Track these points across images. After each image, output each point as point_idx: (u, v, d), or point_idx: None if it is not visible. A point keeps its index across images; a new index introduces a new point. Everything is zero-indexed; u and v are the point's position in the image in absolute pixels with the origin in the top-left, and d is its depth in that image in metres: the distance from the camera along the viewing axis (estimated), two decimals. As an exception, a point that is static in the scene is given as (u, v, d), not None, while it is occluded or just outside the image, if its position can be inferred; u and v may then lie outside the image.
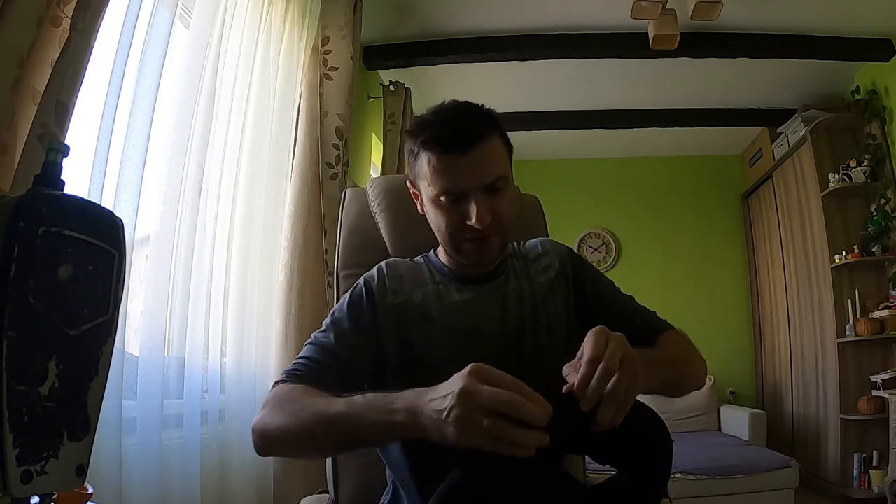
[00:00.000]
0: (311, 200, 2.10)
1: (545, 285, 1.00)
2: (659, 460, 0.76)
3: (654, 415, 0.76)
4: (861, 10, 2.99)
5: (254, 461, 1.70)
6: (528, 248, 1.08)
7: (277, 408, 0.82)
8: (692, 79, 3.66)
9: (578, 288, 1.02)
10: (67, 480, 0.56)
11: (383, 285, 0.98)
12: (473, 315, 0.95)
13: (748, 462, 2.98)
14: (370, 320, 0.95)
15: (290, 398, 0.82)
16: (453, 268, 1.02)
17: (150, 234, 1.39)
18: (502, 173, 0.92)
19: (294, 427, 0.78)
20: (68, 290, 0.55)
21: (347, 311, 0.95)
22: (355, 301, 0.97)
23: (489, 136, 0.91)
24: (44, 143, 0.60)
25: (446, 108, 0.94)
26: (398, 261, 1.06)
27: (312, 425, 0.77)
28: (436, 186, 0.91)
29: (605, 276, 1.08)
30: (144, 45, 1.32)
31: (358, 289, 0.99)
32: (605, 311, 0.99)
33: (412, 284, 0.99)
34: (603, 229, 4.84)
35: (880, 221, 3.30)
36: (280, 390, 0.85)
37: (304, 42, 2.17)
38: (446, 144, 0.89)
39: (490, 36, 3.21)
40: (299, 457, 0.80)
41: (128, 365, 1.26)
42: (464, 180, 0.89)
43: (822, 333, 3.61)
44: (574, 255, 1.08)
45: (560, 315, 0.98)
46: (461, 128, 0.90)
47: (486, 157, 0.90)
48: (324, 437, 0.77)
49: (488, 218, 0.89)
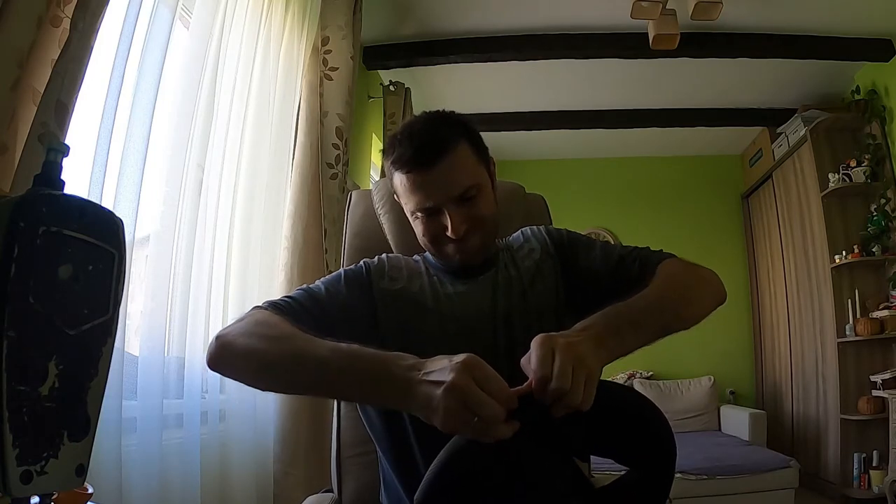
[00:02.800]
0: (311, 200, 2.10)
1: (531, 269, 1.01)
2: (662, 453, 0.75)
3: (655, 409, 0.76)
4: (861, 10, 2.99)
5: (254, 461, 1.71)
6: (512, 239, 1.10)
7: (252, 327, 0.80)
8: (692, 79, 3.66)
9: (564, 261, 1.02)
10: (67, 480, 0.56)
11: (382, 270, 1.00)
12: (466, 305, 0.97)
13: (748, 462, 2.98)
14: (365, 295, 0.96)
15: (269, 324, 0.81)
16: (446, 264, 1.04)
17: (150, 234, 1.39)
18: (473, 182, 0.92)
19: (263, 352, 0.76)
20: (68, 290, 0.55)
21: (344, 279, 0.97)
22: (353, 272, 0.99)
23: (455, 147, 0.92)
24: (44, 143, 0.60)
25: (413, 123, 0.96)
26: (398, 255, 1.09)
27: (286, 359, 0.75)
28: (410, 204, 0.94)
29: (587, 236, 1.07)
30: (144, 45, 1.32)
31: (357, 266, 1.01)
32: (593, 275, 0.98)
33: (410, 274, 1.01)
34: (603, 229, 4.83)
35: (880, 221, 3.30)
36: (259, 314, 0.84)
37: (304, 42, 2.17)
38: (412, 163, 0.91)
39: (490, 36, 3.22)
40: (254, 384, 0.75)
41: (128, 365, 1.26)
42: (433, 196, 0.91)
43: (822, 333, 3.61)
44: (552, 231, 1.08)
45: (550, 295, 0.99)
46: (425, 144, 0.91)
47: (453, 169, 0.91)
48: (295, 375, 0.75)
49: (463, 227, 0.92)
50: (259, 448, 1.75)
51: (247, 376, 0.81)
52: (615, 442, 0.75)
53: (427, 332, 0.94)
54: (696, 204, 4.81)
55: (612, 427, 0.73)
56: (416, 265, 1.05)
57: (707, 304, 0.91)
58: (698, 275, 0.93)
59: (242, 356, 0.78)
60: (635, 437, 0.74)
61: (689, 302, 0.88)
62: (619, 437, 0.74)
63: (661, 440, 0.74)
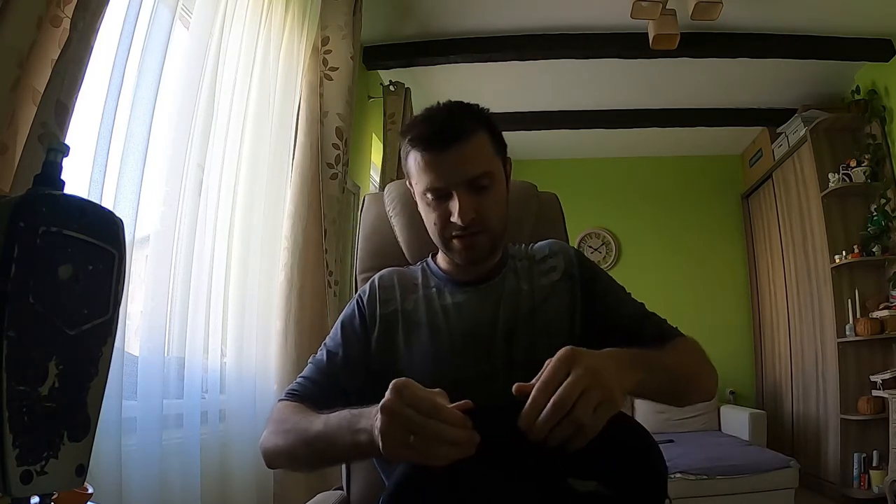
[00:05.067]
0: (311, 200, 2.10)
1: (547, 287, 0.98)
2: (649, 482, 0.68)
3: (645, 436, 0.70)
4: (861, 10, 2.98)
5: (254, 461, 1.70)
6: (536, 249, 1.06)
7: (274, 427, 0.88)
8: (692, 79, 3.66)
9: (587, 293, 0.98)
10: (67, 480, 0.55)
11: (374, 299, 1.00)
12: (463, 318, 0.95)
13: (748, 462, 2.98)
14: (360, 337, 0.98)
15: (282, 418, 0.88)
16: (449, 270, 1.02)
17: (150, 234, 1.39)
18: (487, 170, 0.92)
19: (284, 447, 0.84)
20: (68, 290, 0.55)
21: (340, 331, 0.99)
22: (347, 320, 1.00)
23: (474, 133, 0.92)
24: (44, 143, 0.60)
25: (436, 107, 0.96)
26: (392, 270, 1.07)
27: (296, 446, 0.82)
28: (421, 183, 0.93)
29: (615, 280, 1.04)
30: (144, 45, 1.32)
31: (350, 308, 1.02)
32: (614, 318, 0.96)
33: (403, 292, 1.00)
34: (603, 229, 4.84)
35: (880, 221, 3.30)
36: (278, 409, 0.91)
37: (304, 42, 2.17)
38: (429, 141, 0.91)
39: (490, 36, 3.21)
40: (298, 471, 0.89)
41: (128, 365, 1.26)
42: (446, 176, 0.90)
43: (822, 333, 3.61)
44: (584, 259, 1.04)
45: (563, 318, 0.95)
46: (445, 125, 0.91)
47: (468, 153, 0.90)
48: (307, 458, 0.82)
49: (471, 215, 0.90)
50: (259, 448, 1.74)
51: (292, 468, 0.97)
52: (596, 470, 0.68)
53: (418, 348, 0.93)
54: (696, 204, 4.81)
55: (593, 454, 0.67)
56: (413, 278, 1.04)
57: (704, 393, 0.91)
58: (708, 364, 0.92)
59: (277, 457, 0.87)
60: (619, 464, 0.67)
61: (698, 382, 0.89)
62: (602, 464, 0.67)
63: (649, 469, 0.68)
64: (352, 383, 0.94)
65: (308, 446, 0.79)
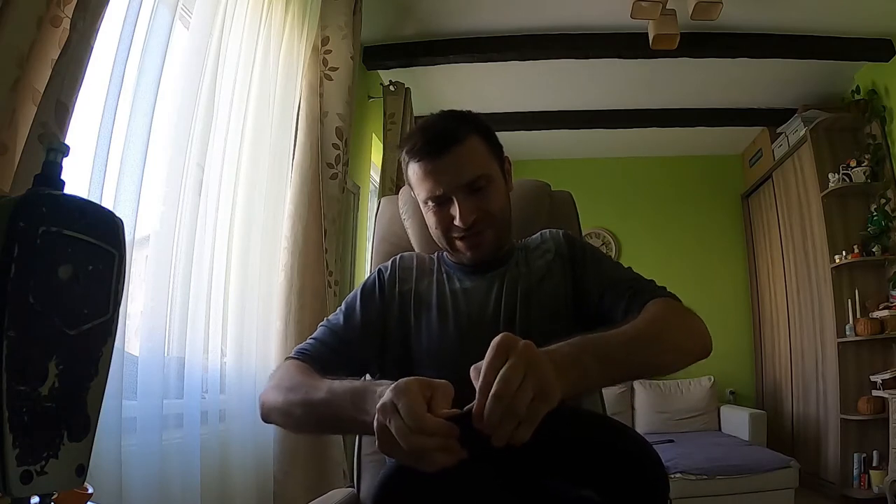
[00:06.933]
0: (311, 200, 2.10)
1: (542, 268, 1.02)
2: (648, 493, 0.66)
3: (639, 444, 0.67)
4: (861, 10, 2.98)
5: (254, 461, 1.70)
6: (531, 240, 1.11)
7: (277, 382, 0.88)
8: (692, 79, 3.66)
9: (575, 266, 1.01)
10: (67, 480, 0.55)
11: (394, 275, 1.05)
12: (470, 303, 0.99)
13: (748, 462, 2.98)
14: (379, 308, 1.01)
15: (288, 375, 0.88)
16: (458, 260, 1.06)
17: (150, 234, 1.39)
18: (482, 172, 0.95)
19: (284, 405, 0.84)
20: (68, 290, 0.55)
21: (360, 298, 1.02)
22: (368, 289, 1.04)
23: (465, 138, 0.95)
24: (44, 143, 0.60)
25: (429, 118, 1.01)
26: (412, 254, 1.12)
27: (298, 407, 0.82)
28: (422, 192, 0.97)
29: (604, 253, 1.07)
30: (144, 45, 1.32)
31: (371, 278, 1.06)
32: (587, 292, 0.97)
33: (420, 274, 1.05)
34: (603, 229, 4.84)
35: (880, 221, 3.30)
36: (285, 366, 0.92)
37: (304, 42, 2.16)
38: (424, 151, 0.95)
39: (490, 36, 3.21)
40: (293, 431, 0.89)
41: (128, 365, 1.26)
42: (442, 183, 0.94)
43: (822, 333, 3.61)
44: (569, 237, 1.07)
45: (559, 297, 0.98)
46: (437, 134, 0.95)
47: (463, 157, 0.94)
48: (305, 420, 0.83)
49: (472, 217, 0.94)
50: (259, 448, 1.74)
51: (287, 427, 0.96)
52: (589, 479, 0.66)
53: (427, 329, 0.96)
54: (696, 204, 4.81)
55: (582, 461, 0.66)
56: (430, 263, 1.08)
57: (685, 354, 0.83)
58: (684, 322, 0.85)
59: (275, 413, 0.87)
60: (615, 474, 0.65)
61: (665, 348, 0.80)
62: (595, 473, 0.66)
63: (647, 481, 0.65)
64: (364, 351, 0.96)
65: (309, 410, 0.80)
